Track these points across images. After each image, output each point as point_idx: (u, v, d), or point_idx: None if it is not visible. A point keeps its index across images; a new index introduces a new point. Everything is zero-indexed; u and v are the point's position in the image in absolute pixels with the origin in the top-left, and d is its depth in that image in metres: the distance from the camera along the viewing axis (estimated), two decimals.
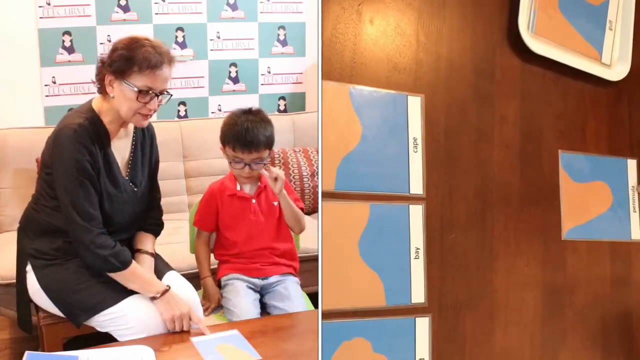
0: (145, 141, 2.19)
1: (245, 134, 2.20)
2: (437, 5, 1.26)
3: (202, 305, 2.19)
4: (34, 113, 3.40)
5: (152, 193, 2.25)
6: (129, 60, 1.94)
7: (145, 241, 2.20)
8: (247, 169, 2.24)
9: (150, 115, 2.03)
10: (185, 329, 1.96)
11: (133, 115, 2.00)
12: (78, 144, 1.94)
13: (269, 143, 2.25)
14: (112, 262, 1.97)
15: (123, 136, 2.11)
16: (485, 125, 1.31)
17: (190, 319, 1.98)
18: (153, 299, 1.99)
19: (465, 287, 1.28)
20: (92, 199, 1.97)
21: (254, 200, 2.32)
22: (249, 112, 2.28)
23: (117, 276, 2.00)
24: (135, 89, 1.94)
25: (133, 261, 2.04)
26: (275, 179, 2.22)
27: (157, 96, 1.99)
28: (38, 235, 2.08)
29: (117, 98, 1.98)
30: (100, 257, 1.96)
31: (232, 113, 2.30)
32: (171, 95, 2.05)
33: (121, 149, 2.11)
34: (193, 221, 2.41)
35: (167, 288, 2.00)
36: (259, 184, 2.34)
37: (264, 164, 2.27)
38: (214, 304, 2.29)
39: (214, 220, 2.35)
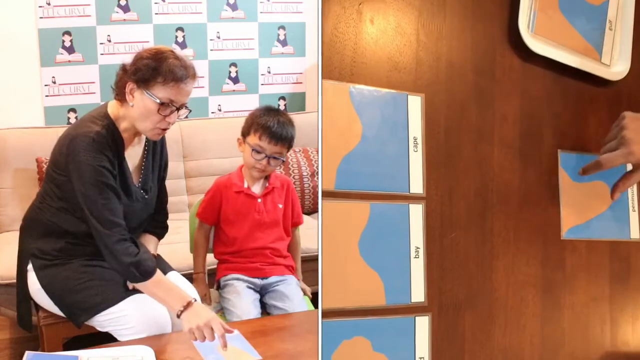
0: (156, 147, 2.17)
1: (277, 125, 2.25)
2: (438, 5, 1.26)
3: None
4: (34, 113, 3.40)
5: (160, 196, 2.25)
6: (154, 71, 1.91)
7: (149, 243, 2.21)
8: (265, 161, 2.26)
9: (167, 130, 2.00)
10: (209, 339, 1.85)
11: (151, 129, 1.96)
12: (96, 152, 1.90)
13: (290, 143, 2.30)
14: (132, 271, 1.92)
15: (136, 144, 2.10)
16: (485, 124, 1.31)
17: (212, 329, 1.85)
18: (178, 315, 1.91)
19: (465, 286, 1.28)
20: (113, 206, 1.94)
21: (259, 200, 2.34)
22: (277, 110, 2.35)
23: (139, 286, 1.98)
24: (157, 101, 1.91)
25: (158, 272, 1.98)
26: None
27: (177, 110, 1.96)
28: (42, 235, 2.07)
29: (136, 107, 1.94)
30: (121, 264, 1.92)
31: (259, 108, 2.33)
32: (190, 110, 2.02)
33: (133, 156, 2.09)
34: (196, 213, 2.41)
35: (192, 300, 1.92)
36: (267, 184, 2.36)
37: (282, 161, 2.30)
38: (206, 302, 2.30)
39: (217, 214, 2.36)
